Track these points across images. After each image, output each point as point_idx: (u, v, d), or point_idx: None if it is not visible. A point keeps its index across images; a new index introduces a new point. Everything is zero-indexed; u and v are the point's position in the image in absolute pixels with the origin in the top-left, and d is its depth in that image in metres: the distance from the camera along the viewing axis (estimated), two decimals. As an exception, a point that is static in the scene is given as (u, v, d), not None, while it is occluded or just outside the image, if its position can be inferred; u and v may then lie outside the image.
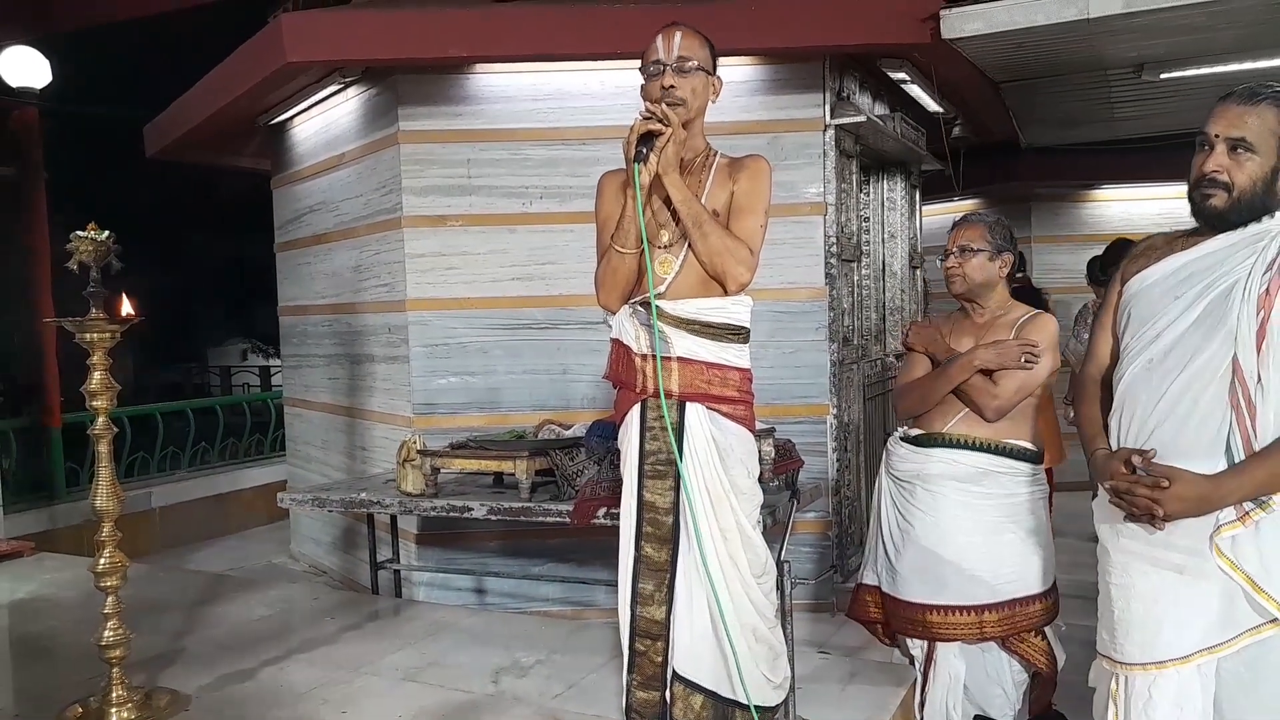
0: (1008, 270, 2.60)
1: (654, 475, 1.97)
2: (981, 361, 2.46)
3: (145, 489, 6.04)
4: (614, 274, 2.01)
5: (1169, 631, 1.84)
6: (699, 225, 1.94)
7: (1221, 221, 1.86)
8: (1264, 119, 1.81)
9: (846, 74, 4.35)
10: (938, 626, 2.51)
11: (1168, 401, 1.84)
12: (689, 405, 1.97)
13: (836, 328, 4.29)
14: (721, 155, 2.09)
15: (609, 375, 2.08)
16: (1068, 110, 5.69)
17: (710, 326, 1.98)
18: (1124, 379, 1.95)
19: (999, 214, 2.78)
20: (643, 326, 2.00)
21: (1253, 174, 1.81)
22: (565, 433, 3.52)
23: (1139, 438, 1.89)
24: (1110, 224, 6.81)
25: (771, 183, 2.06)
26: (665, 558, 1.97)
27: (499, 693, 2.36)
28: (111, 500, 2.17)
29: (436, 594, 4.35)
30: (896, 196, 5.42)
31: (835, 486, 4.32)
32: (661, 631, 1.97)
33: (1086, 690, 2.04)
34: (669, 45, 1.99)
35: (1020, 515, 2.49)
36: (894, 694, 2.43)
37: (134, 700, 2.19)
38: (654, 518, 1.97)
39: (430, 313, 4.33)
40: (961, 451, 2.50)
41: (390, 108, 4.36)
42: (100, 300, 2.16)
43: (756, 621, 1.98)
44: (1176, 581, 1.85)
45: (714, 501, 1.95)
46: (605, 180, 2.13)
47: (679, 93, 1.95)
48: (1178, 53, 4.43)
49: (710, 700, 1.94)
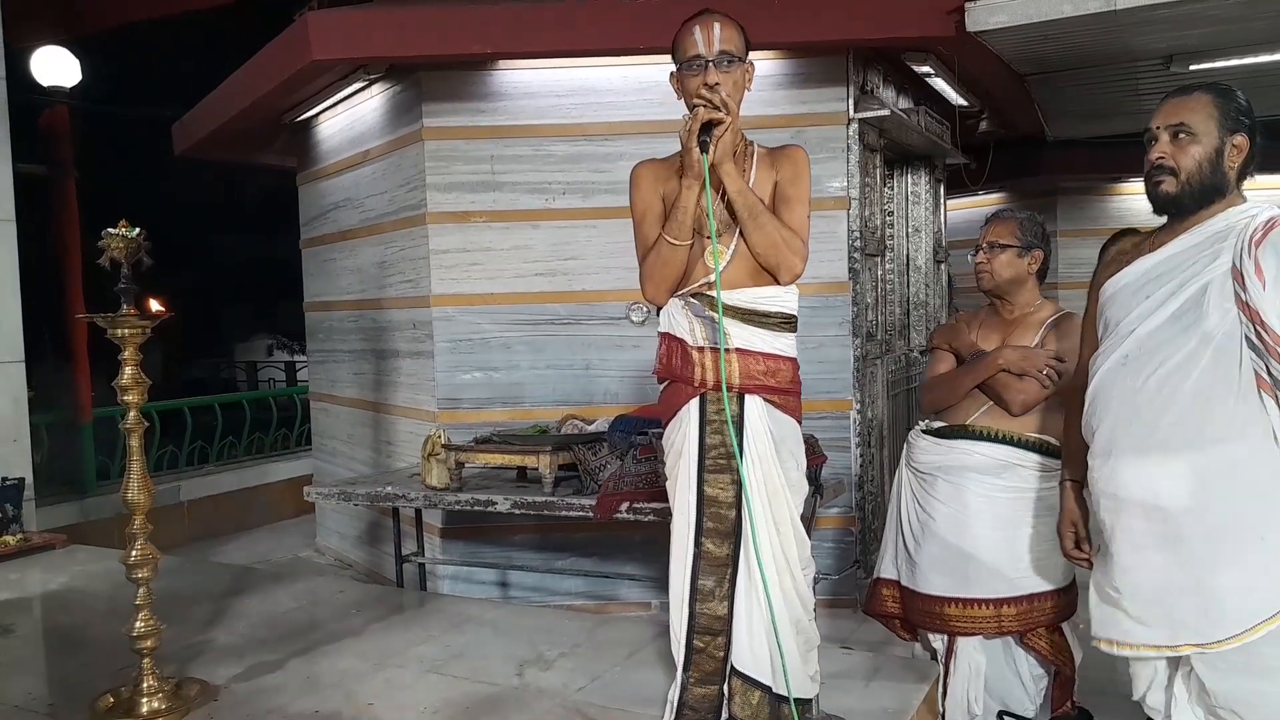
0: (1037, 267, 2.59)
1: (715, 469, 1.95)
2: (1006, 363, 2.47)
3: (174, 483, 6.13)
4: (665, 266, 1.97)
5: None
6: (755, 216, 1.91)
7: (1175, 206, 1.94)
8: (1199, 104, 1.92)
9: (870, 67, 4.32)
10: (956, 620, 2.51)
11: (1145, 395, 1.89)
12: (748, 397, 1.94)
13: (860, 323, 4.27)
14: (758, 145, 2.06)
15: (660, 370, 2.04)
16: (1094, 103, 5.61)
17: (765, 316, 1.96)
18: (1097, 375, 1.99)
19: (1032, 211, 2.75)
20: (697, 319, 1.97)
21: (1196, 156, 1.91)
22: (588, 428, 3.53)
23: (1113, 432, 1.94)
24: (1137, 217, 6.58)
25: (810, 173, 2.03)
26: (727, 553, 1.94)
27: (523, 685, 2.37)
28: (143, 493, 2.19)
29: (461, 587, 4.39)
30: (921, 190, 5.38)
31: (858, 482, 4.31)
32: (723, 627, 1.94)
33: (1108, 687, 2.02)
34: (709, 38, 1.92)
35: (1040, 509, 2.47)
36: (918, 689, 2.41)
37: (165, 690, 2.21)
38: (716, 512, 1.94)
39: (454, 308, 4.36)
40: (984, 444, 2.50)
41: (414, 104, 4.38)
42: (131, 296, 2.19)
43: (800, 614, 1.98)
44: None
45: (770, 495, 1.94)
46: (641, 170, 2.08)
47: (725, 89, 1.89)
48: (1208, 44, 4.36)
49: (766, 695, 1.94)
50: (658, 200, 2.01)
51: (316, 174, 5.54)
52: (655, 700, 2.16)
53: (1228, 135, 1.91)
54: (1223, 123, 1.90)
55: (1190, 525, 1.85)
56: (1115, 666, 2.13)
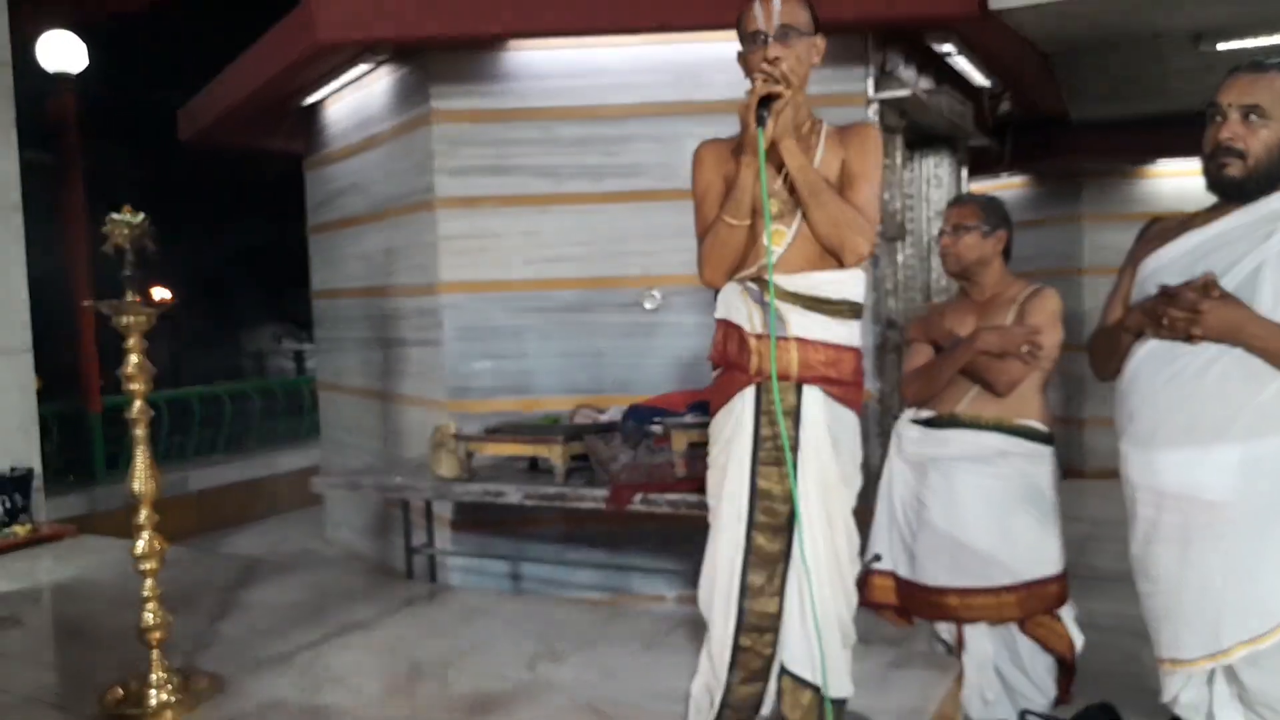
0: (1002, 247, 2.61)
1: (769, 462, 1.87)
2: (984, 345, 2.47)
3: (182, 473, 6.12)
4: (723, 247, 1.89)
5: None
6: (816, 194, 1.83)
7: (1238, 191, 1.85)
8: (1274, 86, 1.83)
9: (890, 47, 4.23)
10: (958, 609, 2.54)
11: (1190, 383, 1.82)
12: (806, 389, 1.86)
13: (880, 310, 4.20)
14: (828, 124, 1.99)
15: (715, 356, 1.96)
16: (1120, 82, 5.50)
17: (827, 303, 1.87)
18: (1137, 357, 1.92)
19: (994, 195, 2.80)
20: (756, 304, 1.88)
21: (1267, 141, 1.82)
22: (600, 417, 3.48)
23: (1154, 421, 1.87)
24: (1164, 201, 6.52)
25: (882, 151, 1.96)
26: (779, 548, 1.87)
27: (535, 679, 2.33)
28: (149, 484, 2.17)
29: (471, 579, 4.35)
30: (943, 173, 5.28)
31: (877, 473, 4.24)
32: (772, 624, 1.88)
33: (1105, 675, 1.98)
34: (768, 12, 1.86)
35: (1033, 496, 2.51)
36: (938, 683, 2.36)
37: (173, 682, 2.19)
38: (770, 506, 1.87)
39: (463, 295, 4.30)
40: (974, 432, 2.52)
41: (422, 87, 4.31)
42: (136, 284, 2.15)
43: (844, 611, 1.92)
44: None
45: (826, 490, 1.86)
46: (704, 150, 2.01)
47: (785, 63, 1.83)
48: (1237, 22, 4.26)
49: (816, 696, 1.88)
50: (719, 180, 1.93)
51: (323, 159, 5.48)
52: (670, 695, 2.12)
53: None
54: None
55: (1237, 518, 1.79)
56: (1140, 657, 2.09)
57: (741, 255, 1.91)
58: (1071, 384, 6.56)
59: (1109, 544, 4.67)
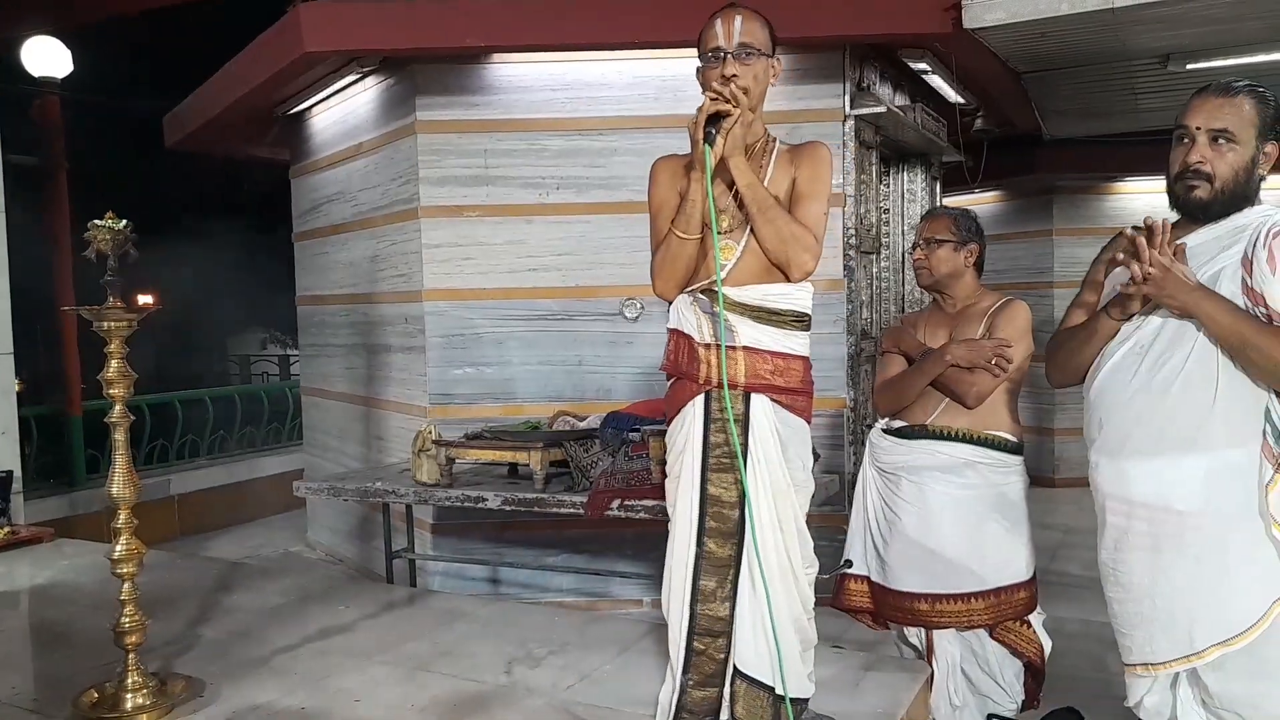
0: (974, 259, 2.65)
1: (719, 469, 1.92)
2: (954, 358, 2.51)
3: (164, 476, 6.10)
4: (674, 261, 1.94)
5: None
6: (764, 211, 1.88)
7: (1204, 212, 1.89)
8: (1242, 110, 1.85)
9: (867, 64, 4.30)
10: (927, 615, 2.57)
11: (1159, 384, 1.86)
12: (754, 396, 1.92)
13: (854, 320, 4.26)
14: (781, 142, 2.04)
15: (667, 366, 2.01)
16: (1091, 101, 5.61)
17: (775, 314, 1.94)
18: (1104, 368, 1.96)
19: (967, 208, 2.82)
20: (705, 315, 1.95)
21: (1234, 164, 1.85)
22: (580, 424, 3.51)
23: (1122, 430, 1.91)
24: (1134, 217, 6.61)
25: (833, 170, 2.01)
26: (729, 553, 1.92)
27: (512, 683, 2.36)
28: (128, 487, 2.17)
29: (451, 583, 4.37)
30: (917, 188, 5.37)
31: (852, 480, 4.29)
32: (725, 628, 1.92)
33: (1071, 679, 2.02)
34: (729, 30, 1.90)
35: (1003, 505, 2.53)
36: (909, 688, 2.40)
37: (149, 686, 2.19)
38: (719, 512, 1.92)
39: (447, 303, 4.34)
40: (944, 443, 2.55)
41: (408, 97, 4.36)
42: (117, 289, 2.17)
43: (800, 613, 1.96)
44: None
45: (776, 495, 1.92)
46: (659, 166, 2.06)
47: (742, 81, 1.87)
48: (1204, 43, 4.36)
49: (770, 696, 1.92)
50: (674, 195, 1.98)
51: (309, 167, 5.51)
52: (645, 699, 2.15)
53: (1263, 143, 1.87)
54: (1261, 130, 1.86)
55: (1204, 525, 1.84)
56: (1106, 662, 2.13)
57: (692, 268, 1.96)
58: (1043, 395, 6.66)
59: (1080, 551, 4.75)
